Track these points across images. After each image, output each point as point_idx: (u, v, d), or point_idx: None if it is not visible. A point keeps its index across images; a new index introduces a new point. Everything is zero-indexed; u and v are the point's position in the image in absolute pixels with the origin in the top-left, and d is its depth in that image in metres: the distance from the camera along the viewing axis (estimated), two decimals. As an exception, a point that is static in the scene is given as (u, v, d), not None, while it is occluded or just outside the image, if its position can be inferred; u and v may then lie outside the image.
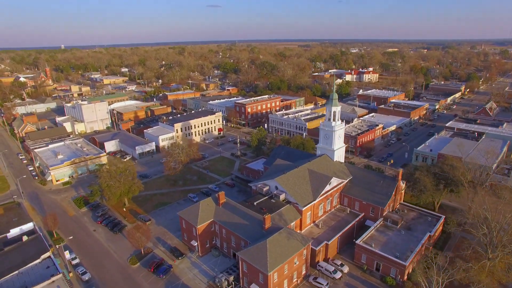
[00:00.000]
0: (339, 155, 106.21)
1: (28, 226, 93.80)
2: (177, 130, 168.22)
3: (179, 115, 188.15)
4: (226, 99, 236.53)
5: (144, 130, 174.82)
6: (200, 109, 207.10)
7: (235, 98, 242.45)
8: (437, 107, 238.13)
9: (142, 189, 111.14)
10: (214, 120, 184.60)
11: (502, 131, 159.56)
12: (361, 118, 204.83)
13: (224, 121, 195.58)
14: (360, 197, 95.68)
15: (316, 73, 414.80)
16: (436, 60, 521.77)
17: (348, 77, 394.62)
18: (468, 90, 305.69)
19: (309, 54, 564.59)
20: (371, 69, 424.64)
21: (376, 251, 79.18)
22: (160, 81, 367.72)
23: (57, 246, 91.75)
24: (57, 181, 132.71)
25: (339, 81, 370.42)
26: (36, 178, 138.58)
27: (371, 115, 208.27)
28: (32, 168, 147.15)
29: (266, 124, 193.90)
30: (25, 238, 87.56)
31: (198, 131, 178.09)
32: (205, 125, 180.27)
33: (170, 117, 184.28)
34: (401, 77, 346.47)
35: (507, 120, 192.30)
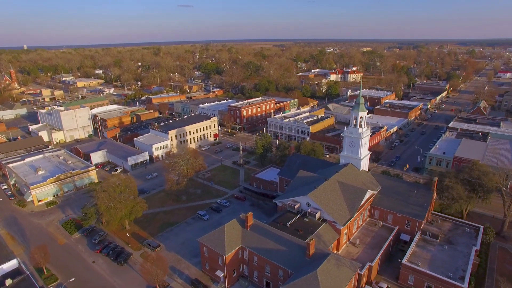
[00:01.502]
0: (364, 163, 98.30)
1: (11, 264, 77.51)
2: (171, 137, 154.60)
3: (171, 121, 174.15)
4: (216, 102, 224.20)
5: (134, 139, 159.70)
6: (192, 114, 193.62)
7: (226, 101, 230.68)
8: (428, 106, 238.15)
9: (146, 209, 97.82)
10: (210, 126, 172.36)
11: (504, 130, 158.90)
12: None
13: (218, 126, 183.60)
14: (393, 209, 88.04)
15: (300, 73, 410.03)
16: (413, 59, 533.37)
17: (332, 77, 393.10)
18: (451, 89, 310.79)
19: (288, 53, 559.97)
20: (355, 68, 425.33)
21: (427, 271, 71.51)
22: (139, 83, 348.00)
23: (49, 286, 77.01)
24: (39, 201, 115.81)
25: (324, 81, 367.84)
26: (13, 198, 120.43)
27: (368, 116, 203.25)
28: (6, 187, 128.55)
29: (264, 128, 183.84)
30: (8, 282, 71.96)
31: (194, 137, 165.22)
32: (200, 131, 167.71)
33: (162, 123, 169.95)
34: (386, 77, 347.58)
35: (500, 118, 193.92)
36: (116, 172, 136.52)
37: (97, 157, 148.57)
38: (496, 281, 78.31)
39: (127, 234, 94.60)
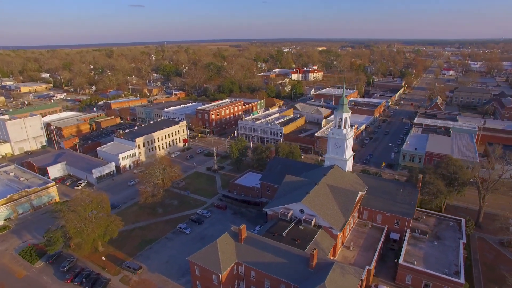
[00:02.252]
0: (349, 164, 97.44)
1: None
2: (139, 145, 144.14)
3: (136, 127, 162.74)
4: (181, 105, 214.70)
5: (97, 148, 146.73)
6: (159, 119, 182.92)
7: (191, 104, 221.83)
8: (390, 103, 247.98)
9: (122, 227, 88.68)
10: (179, 131, 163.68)
11: (462, 124, 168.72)
12: (327, 118, 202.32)
13: (187, 131, 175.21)
14: (382, 209, 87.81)
15: (261, 73, 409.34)
16: (367, 58, 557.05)
17: (294, 76, 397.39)
18: (406, 86, 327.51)
19: (247, 54, 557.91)
20: (315, 67, 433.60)
21: (424, 270, 71.65)
22: (94, 87, 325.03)
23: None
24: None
25: (286, 80, 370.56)
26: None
27: (334, 114, 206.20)
28: None
29: (235, 131, 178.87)
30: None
31: (162, 144, 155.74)
32: (169, 137, 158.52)
33: (127, 130, 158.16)
34: (346, 75, 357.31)
35: (455, 113, 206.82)
36: (80, 187, 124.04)
37: (56, 170, 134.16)
38: (482, 272, 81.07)
39: (102, 257, 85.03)
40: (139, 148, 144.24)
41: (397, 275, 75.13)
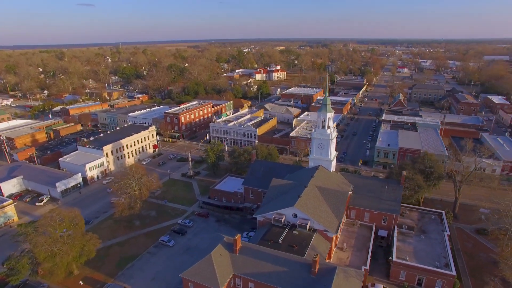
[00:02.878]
0: (333, 164, 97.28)
1: None
2: (106, 153, 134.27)
3: (101, 135, 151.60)
4: (147, 109, 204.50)
5: (59, 159, 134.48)
6: (125, 124, 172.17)
7: (157, 108, 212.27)
8: (355, 101, 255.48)
9: (99, 245, 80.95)
10: (148, 136, 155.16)
11: (426, 120, 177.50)
12: (297, 118, 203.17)
13: (157, 136, 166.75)
14: (369, 207, 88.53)
15: (225, 74, 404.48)
16: (327, 57, 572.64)
17: (258, 76, 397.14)
18: (367, 83, 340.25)
19: (208, 54, 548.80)
20: (278, 67, 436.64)
21: (418, 265, 72.86)
22: (46, 92, 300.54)
23: None
24: None
25: (251, 80, 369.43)
26: None
27: (305, 114, 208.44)
28: None
29: (207, 135, 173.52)
30: None
31: (132, 151, 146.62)
32: (138, 143, 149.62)
33: (92, 138, 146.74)
34: (308, 74, 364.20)
35: (417, 109, 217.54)
36: (42, 203, 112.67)
37: (10, 186, 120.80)
38: (466, 261, 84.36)
39: (80, 281, 76.91)
40: (107, 156, 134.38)
41: (391, 272, 75.72)
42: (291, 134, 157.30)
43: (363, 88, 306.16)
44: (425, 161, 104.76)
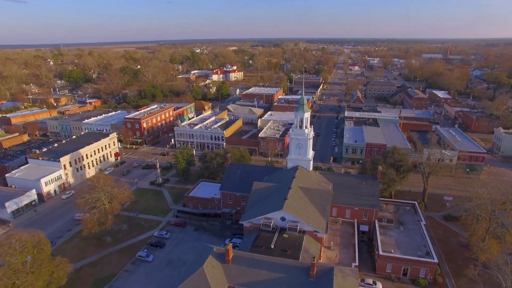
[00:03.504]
0: (311, 164, 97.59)
1: None
2: (64, 165, 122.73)
3: (56, 145, 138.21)
4: (104, 115, 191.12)
5: (6, 175, 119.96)
6: (82, 132, 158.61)
7: (114, 113, 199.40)
8: (314, 99, 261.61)
9: (70, 270, 72.69)
10: (109, 144, 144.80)
11: (385, 115, 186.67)
12: (261, 118, 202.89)
13: (118, 143, 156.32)
14: (350, 204, 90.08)
15: (180, 76, 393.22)
16: (280, 56, 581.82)
17: (214, 77, 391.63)
18: (323, 81, 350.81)
19: (161, 56, 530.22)
20: (235, 67, 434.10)
21: (402, 257, 75.53)
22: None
23: None
24: None
25: (208, 81, 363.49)
26: None
27: (269, 113, 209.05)
28: None
29: (172, 139, 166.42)
30: None
31: (92, 161, 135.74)
32: (99, 152, 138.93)
33: (44, 149, 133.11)
34: (266, 74, 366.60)
35: (374, 105, 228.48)
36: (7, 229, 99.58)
37: None
38: (440, 247, 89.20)
39: (51, 311, 68.60)
40: (65, 168, 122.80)
41: (378, 266, 77.58)
42: (259, 135, 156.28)
43: (321, 86, 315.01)
44: (394, 155, 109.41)
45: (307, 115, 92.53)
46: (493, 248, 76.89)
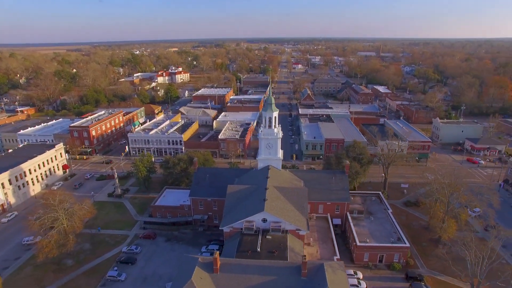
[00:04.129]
0: (280, 163, 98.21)
1: None
2: (3, 184, 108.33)
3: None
4: (42, 124, 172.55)
5: None
6: (20, 145, 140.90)
7: (55, 121, 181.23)
8: (264, 97, 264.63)
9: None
10: (56, 156, 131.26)
11: (336, 111, 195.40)
12: (216, 119, 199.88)
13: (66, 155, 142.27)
14: (322, 199, 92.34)
15: (123, 79, 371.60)
16: (224, 56, 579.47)
17: (160, 80, 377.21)
18: (271, 80, 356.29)
19: (99, 58, 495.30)
20: (180, 69, 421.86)
21: (378, 245, 79.57)
22: None
23: None
24: None
25: (154, 84, 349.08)
26: None
27: (223, 114, 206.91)
28: None
29: (126, 147, 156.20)
30: None
31: (37, 176, 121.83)
32: (44, 165, 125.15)
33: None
34: (213, 75, 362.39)
35: (323, 102, 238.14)
36: None
37: None
38: (405, 232, 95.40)
39: None
40: (3, 187, 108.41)
41: (355, 256, 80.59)
42: (220, 137, 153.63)
43: (270, 85, 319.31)
44: (356, 149, 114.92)
45: (276, 114, 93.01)
46: (452, 227, 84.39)
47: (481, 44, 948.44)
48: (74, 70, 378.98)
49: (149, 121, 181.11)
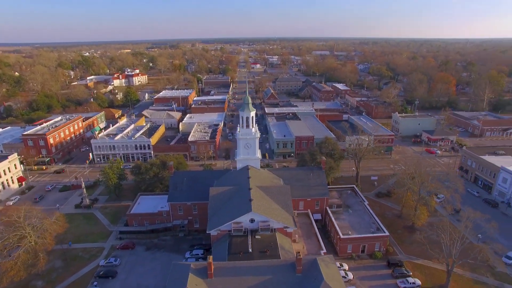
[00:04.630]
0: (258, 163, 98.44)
1: None
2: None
3: None
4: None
5: None
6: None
7: (1, 130, 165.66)
8: (227, 98, 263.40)
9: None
10: (9, 168, 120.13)
11: (301, 109, 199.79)
12: (182, 121, 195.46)
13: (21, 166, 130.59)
14: (302, 196, 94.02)
15: (76, 82, 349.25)
16: (181, 57, 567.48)
17: (116, 82, 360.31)
18: (231, 80, 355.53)
19: (44, 60, 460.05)
20: (137, 71, 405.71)
21: (360, 236, 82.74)
22: None
23: None
24: None
25: (110, 86, 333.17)
26: None
27: (188, 116, 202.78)
28: None
29: (90, 154, 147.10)
30: None
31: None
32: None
33: None
34: (173, 76, 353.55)
35: (287, 100, 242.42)
36: None
37: None
38: (381, 222, 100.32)
39: None
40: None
41: (339, 249, 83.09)
42: (189, 139, 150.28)
43: (231, 86, 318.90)
44: (328, 145, 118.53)
45: (253, 114, 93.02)
46: (424, 214, 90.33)
47: (422, 43, 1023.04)
48: (17, 74, 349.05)
49: (112, 126, 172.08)
